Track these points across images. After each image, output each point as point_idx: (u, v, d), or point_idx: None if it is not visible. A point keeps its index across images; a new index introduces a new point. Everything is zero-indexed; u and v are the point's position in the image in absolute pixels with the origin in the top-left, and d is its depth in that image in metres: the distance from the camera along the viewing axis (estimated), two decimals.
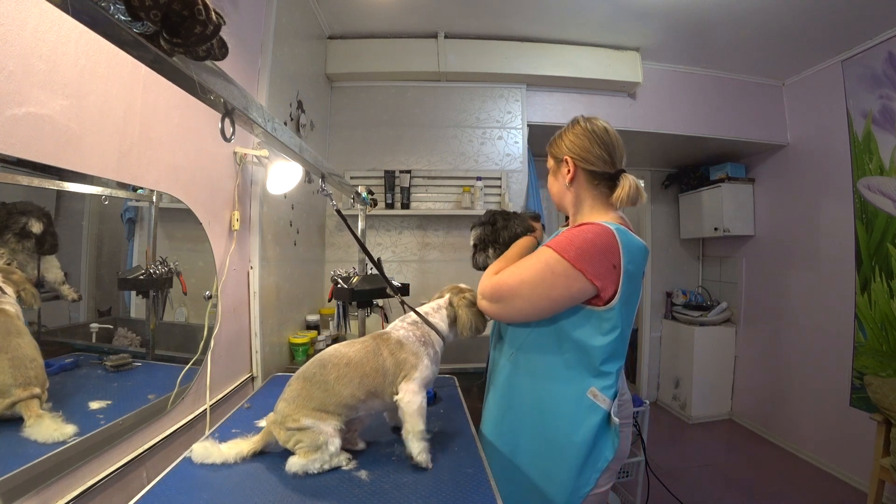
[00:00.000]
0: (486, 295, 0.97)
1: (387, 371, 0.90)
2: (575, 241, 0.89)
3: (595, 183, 0.99)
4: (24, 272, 0.77)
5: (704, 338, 3.28)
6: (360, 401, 0.88)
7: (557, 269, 0.88)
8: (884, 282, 2.27)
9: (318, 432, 0.83)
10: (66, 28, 0.75)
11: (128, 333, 1.03)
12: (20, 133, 0.67)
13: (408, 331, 0.96)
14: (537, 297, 0.90)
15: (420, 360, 0.92)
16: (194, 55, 0.53)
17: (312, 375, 0.88)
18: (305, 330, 2.05)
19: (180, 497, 0.75)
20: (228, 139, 0.69)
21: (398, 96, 2.61)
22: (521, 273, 0.92)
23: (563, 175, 1.01)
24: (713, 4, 2.11)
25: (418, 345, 0.94)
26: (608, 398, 0.91)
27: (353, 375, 0.88)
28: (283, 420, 0.85)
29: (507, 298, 0.93)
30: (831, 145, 2.58)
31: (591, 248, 0.87)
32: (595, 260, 0.87)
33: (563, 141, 1.02)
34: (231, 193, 1.39)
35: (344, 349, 0.92)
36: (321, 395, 0.86)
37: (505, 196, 2.53)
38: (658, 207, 3.80)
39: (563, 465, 0.92)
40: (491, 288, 0.95)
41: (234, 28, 1.41)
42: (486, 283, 0.98)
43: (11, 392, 0.70)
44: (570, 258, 0.87)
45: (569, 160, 0.99)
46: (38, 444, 0.72)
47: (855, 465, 2.35)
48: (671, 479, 2.28)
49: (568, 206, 1.04)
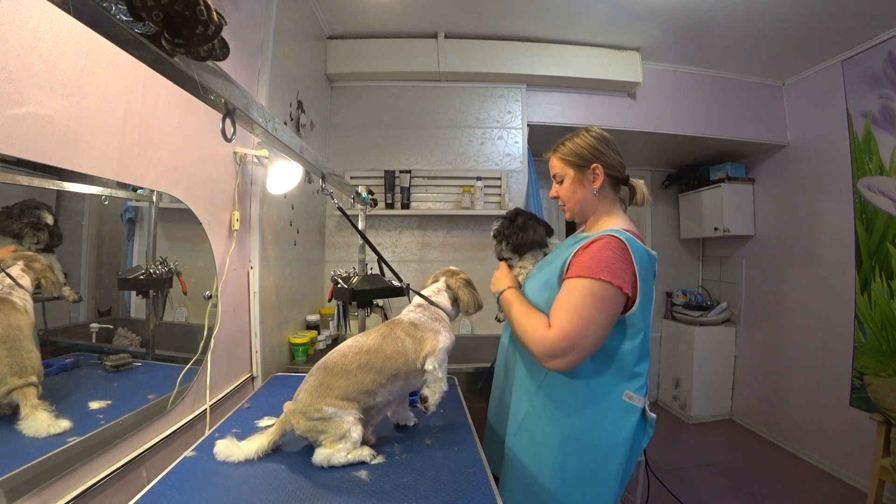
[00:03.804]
0: (556, 352, 0.89)
1: (407, 351, 0.95)
2: (601, 259, 0.90)
3: (614, 188, 1.05)
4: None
5: (704, 338, 3.27)
6: (380, 385, 0.92)
7: (605, 294, 0.89)
8: (884, 282, 2.27)
9: (342, 420, 0.86)
10: (67, 28, 0.75)
11: (128, 333, 1.03)
12: (20, 133, 0.67)
13: (417, 313, 1.03)
14: (602, 330, 0.90)
15: (438, 333, 1.00)
16: (196, 55, 0.53)
17: (334, 365, 0.91)
18: (305, 330, 2.05)
19: (180, 497, 0.75)
20: (229, 139, 0.69)
21: (398, 96, 2.61)
22: (579, 313, 0.88)
23: (590, 182, 1.03)
24: (713, 4, 2.11)
25: (432, 321, 1.01)
26: (642, 397, 0.97)
27: (375, 361, 0.92)
28: (305, 409, 0.87)
29: (578, 345, 0.89)
30: (831, 145, 2.58)
31: (616, 262, 0.90)
32: (621, 272, 0.90)
33: (582, 149, 1.03)
34: (231, 193, 1.39)
35: (361, 339, 0.96)
36: (344, 383, 0.89)
37: (505, 196, 2.53)
38: (658, 207, 3.80)
39: (611, 465, 0.96)
40: (560, 342, 0.88)
41: (235, 28, 1.41)
42: (546, 340, 0.90)
43: (7, 380, 0.70)
44: (608, 279, 0.88)
45: (599, 168, 1.02)
46: (32, 438, 0.72)
47: (855, 465, 2.35)
48: (671, 479, 2.28)
49: (590, 213, 1.07)
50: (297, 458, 0.90)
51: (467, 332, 2.54)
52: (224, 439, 0.89)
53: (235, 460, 0.86)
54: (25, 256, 0.76)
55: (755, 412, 3.16)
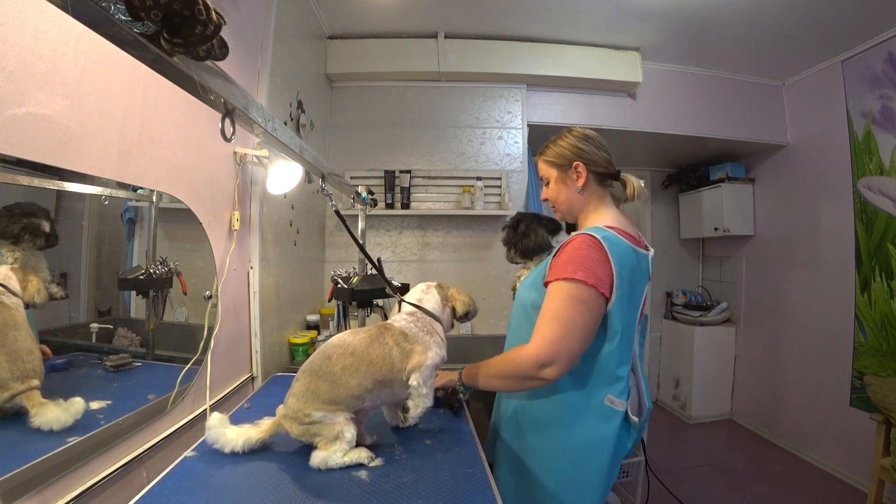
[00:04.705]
0: (543, 361, 0.87)
1: (393, 359, 0.92)
2: (575, 259, 0.89)
3: (601, 185, 1.04)
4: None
5: (704, 338, 3.28)
6: (367, 390, 0.89)
7: (583, 295, 0.87)
8: (884, 282, 2.27)
9: (333, 423, 0.85)
10: (66, 28, 0.75)
11: (128, 333, 1.03)
12: (20, 133, 0.67)
13: (409, 322, 0.98)
14: (585, 331, 0.88)
15: (428, 349, 0.95)
16: (195, 55, 0.53)
17: (318, 368, 0.89)
18: (305, 330, 2.05)
19: (180, 497, 0.75)
20: (229, 139, 0.69)
21: (398, 96, 2.61)
22: (559, 319, 0.88)
23: (573, 181, 1.03)
24: (713, 4, 2.11)
25: (423, 334, 0.96)
26: (624, 401, 0.95)
27: (360, 364, 0.89)
28: (295, 415, 0.87)
29: (563, 350, 0.87)
30: (831, 145, 2.58)
31: (590, 261, 0.89)
32: (598, 271, 0.88)
33: (563, 149, 1.03)
34: (231, 193, 1.39)
35: (348, 338, 0.93)
36: (329, 387, 0.87)
37: (505, 196, 2.52)
38: (658, 207, 3.80)
39: (596, 466, 0.95)
40: (544, 351, 0.87)
41: (234, 28, 1.41)
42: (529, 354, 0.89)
43: (10, 385, 0.70)
44: (582, 278, 0.87)
45: (580, 165, 1.01)
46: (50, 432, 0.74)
47: (855, 465, 2.35)
48: (671, 479, 2.28)
49: (578, 211, 1.06)
50: (297, 458, 0.90)
51: (467, 332, 2.54)
52: (220, 415, 0.91)
53: (220, 447, 0.87)
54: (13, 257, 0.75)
55: (755, 412, 3.16)
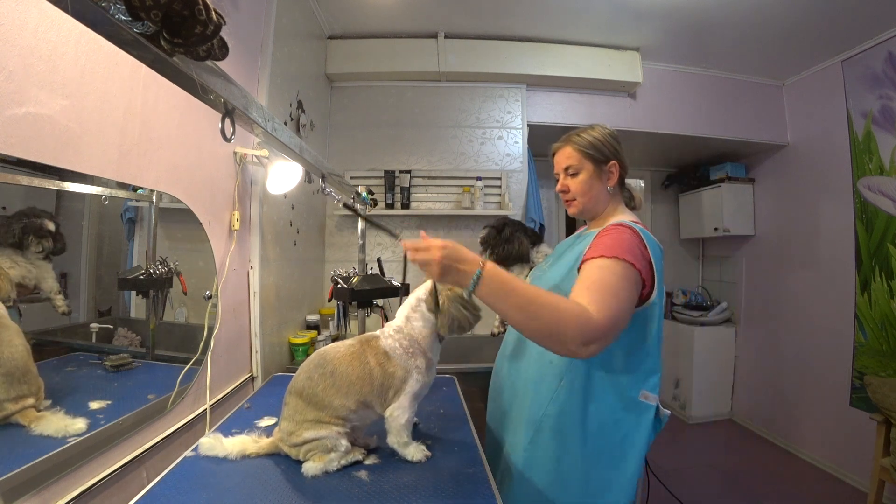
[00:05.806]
0: (599, 336, 0.76)
1: (374, 379, 0.88)
2: (622, 242, 0.87)
3: (620, 187, 1.07)
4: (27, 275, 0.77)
5: (704, 338, 3.27)
6: (350, 411, 0.87)
7: (631, 276, 0.84)
8: (884, 282, 2.27)
9: (325, 440, 0.85)
10: (66, 28, 0.75)
11: (128, 333, 1.03)
12: (20, 133, 0.67)
13: (394, 339, 0.91)
14: (630, 315, 0.84)
15: (409, 374, 0.89)
16: (195, 55, 0.53)
17: (302, 389, 0.88)
18: (305, 330, 2.05)
19: (180, 497, 0.75)
20: (229, 139, 0.69)
21: (398, 96, 2.61)
22: (617, 295, 0.81)
23: (606, 179, 1.03)
24: (713, 4, 2.11)
25: (405, 357, 0.89)
26: (656, 395, 0.96)
27: (341, 384, 0.87)
28: (290, 439, 0.87)
29: (616, 329, 0.80)
30: (831, 145, 2.58)
31: (635, 247, 0.88)
32: (641, 258, 0.87)
33: (601, 144, 1.02)
34: (231, 193, 1.39)
35: (331, 353, 0.91)
36: (314, 409, 0.87)
37: (505, 196, 2.53)
38: (658, 207, 3.80)
39: (628, 467, 0.94)
40: (606, 326, 0.76)
41: (234, 28, 1.41)
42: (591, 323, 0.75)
43: (4, 407, 0.70)
44: (631, 260, 0.84)
45: (616, 165, 1.03)
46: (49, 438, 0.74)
47: (855, 465, 2.34)
48: (671, 479, 2.27)
49: (601, 210, 1.06)
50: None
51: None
52: (209, 437, 0.91)
53: (215, 455, 0.88)
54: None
55: (755, 412, 3.16)
